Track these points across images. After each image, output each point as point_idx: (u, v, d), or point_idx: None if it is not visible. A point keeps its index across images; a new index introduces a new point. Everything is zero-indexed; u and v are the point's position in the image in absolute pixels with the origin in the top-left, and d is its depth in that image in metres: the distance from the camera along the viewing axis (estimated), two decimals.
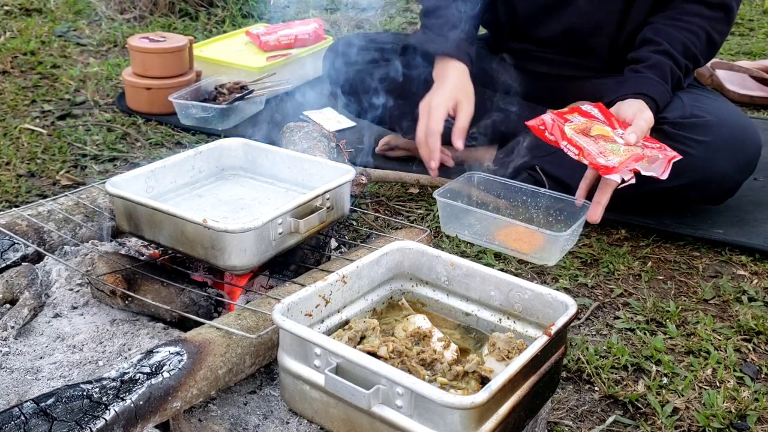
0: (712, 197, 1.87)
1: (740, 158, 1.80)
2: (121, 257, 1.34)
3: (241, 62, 2.67)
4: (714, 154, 1.77)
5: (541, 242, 1.68)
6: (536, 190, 1.80)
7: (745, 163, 1.82)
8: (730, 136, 1.79)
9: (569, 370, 1.38)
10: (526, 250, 1.70)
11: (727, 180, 1.82)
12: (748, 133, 1.83)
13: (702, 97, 1.90)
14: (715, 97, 1.95)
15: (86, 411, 0.92)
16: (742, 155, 1.80)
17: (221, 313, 1.28)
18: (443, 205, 1.79)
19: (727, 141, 1.78)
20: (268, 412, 1.09)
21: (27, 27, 3.45)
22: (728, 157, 1.78)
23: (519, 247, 1.71)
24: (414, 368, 1.03)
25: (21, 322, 1.22)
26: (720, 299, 1.62)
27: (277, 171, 1.50)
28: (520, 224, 1.70)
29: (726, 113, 1.85)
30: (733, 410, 1.28)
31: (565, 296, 1.10)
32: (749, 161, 1.82)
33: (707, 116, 1.81)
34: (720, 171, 1.79)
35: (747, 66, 2.86)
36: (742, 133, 1.82)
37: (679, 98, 1.86)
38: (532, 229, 1.68)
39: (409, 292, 1.26)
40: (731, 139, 1.79)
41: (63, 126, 2.43)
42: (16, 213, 1.43)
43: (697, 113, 1.82)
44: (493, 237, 1.74)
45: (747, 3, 4.20)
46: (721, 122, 1.80)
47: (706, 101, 1.88)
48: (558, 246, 1.67)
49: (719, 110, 1.84)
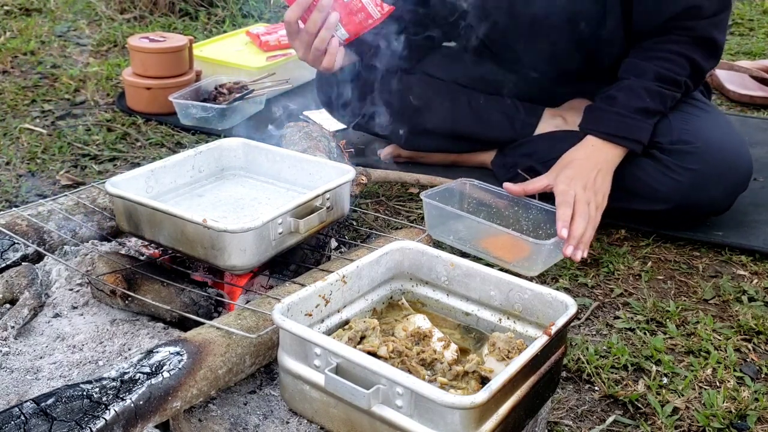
0: (700, 219, 1.84)
1: (730, 184, 1.77)
2: (121, 257, 1.34)
3: (241, 62, 2.67)
4: (703, 182, 1.74)
5: (524, 252, 1.65)
6: (528, 202, 1.77)
7: (734, 187, 1.79)
8: (719, 162, 1.74)
9: (569, 370, 1.38)
10: (510, 258, 1.66)
11: (715, 204, 1.80)
12: (738, 158, 1.78)
13: (692, 117, 1.82)
14: (706, 115, 1.86)
15: (86, 411, 0.92)
16: (731, 181, 1.77)
17: (221, 313, 1.28)
18: (429, 207, 1.76)
19: (717, 168, 1.74)
20: (268, 412, 1.09)
21: (27, 27, 3.45)
22: (718, 183, 1.75)
23: (502, 255, 1.67)
24: (414, 368, 1.03)
25: (21, 322, 1.22)
26: (720, 299, 1.62)
27: (277, 171, 1.50)
28: (505, 231, 1.67)
29: (716, 136, 1.78)
30: (733, 410, 1.28)
31: (565, 296, 1.10)
32: (739, 185, 1.79)
33: (696, 142, 1.75)
34: (709, 197, 1.76)
35: (747, 66, 2.86)
36: (732, 157, 1.77)
37: (668, 120, 1.80)
38: (515, 236, 1.65)
39: (409, 292, 1.26)
40: (721, 165, 1.74)
41: (63, 126, 2.43)
42: (16, 213, 1.43)
43: (685, 138, 1.76)
44: (478, 243, 1.72)
45: (747, 3, 4.20)
46: (709, 148, 1.75)
47: (696, 122, 1.81)
48: (541, 256, 1.64)
49: (709, 133, 1.78)
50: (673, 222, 1.84)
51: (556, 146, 1.88)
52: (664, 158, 1.77)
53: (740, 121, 2.58)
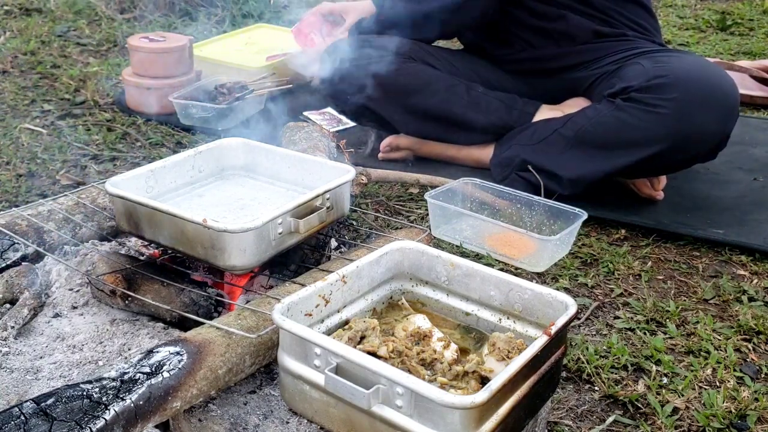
0: (702, 153, 1.86)
1: (716, 108, 1.79)
2: (121, 257, 1.34)
3: (241, 62, 2.67)
4: (687, 109, 1.77)
5: (530, 248, 1.67)
6: (531, 198, 1.79)
7: (722, 111, 1.80)
8: (699, 88, 1.78)
9: (569, 370, 1.38)
10: (515, 255, 1.68)
11: (709, 133, 1.81)
12: (718, 81, 1.81)
13: (664, 57, 1.91)
14: (679, 55, 1.95)
15: (86, 411, 0.92)
16: (717, 104, 1.79)
17: (221, 313, 1.28)
18: (434, 207, 1.77)
19: (698, 93, 1.78)
20: (268, 411, 1.09)
21: (27, 27, 3.45)
22: (703, 108, 1.77)
23: (508, 252, 1.69)
24: (414, 368, 1.03)
25: (21, 322, 1.22)
26: (720, 299, 1.62)
27: (277, 171, 1.50)
28: (510, 228, 1.68)
29: (691, 68, 1.83)
30: (733, 410, 1.28)
31: (565, 296, 1.10)
32: (727, 109, 1.81)
33: (670, 74, 1.81)
34: (698, 124, 1.78)
35: (747, 66, 2.86)
36: (712, 82, 1.80)
37: (639, 64, 1.88)
38: (521, 232, 1.66)
39: (409, 292, 1.26)
40: (701, 90, 1.78)
41: (63, 126, 2.43)
42: (16, 213, 1.43)
43: (660, 73, 1.82)
44: (484, 241, 1.72)
45: (747, 3, 4.20)
46: (687, 76, 1.79)
47: (670, 60, 1.88)
48: (547, 252, 1.65)
49: (684, 65, 1.84)
50: (681, 161, 1.86)
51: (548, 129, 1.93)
52: (643, 97, 1.81)
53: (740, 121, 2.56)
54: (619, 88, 1.87)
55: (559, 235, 1.64)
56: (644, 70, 1.86)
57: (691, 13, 4.05)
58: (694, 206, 1.96)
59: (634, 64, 1.91)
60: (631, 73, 1.88)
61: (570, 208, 1.73)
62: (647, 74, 1.84)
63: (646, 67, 1.87)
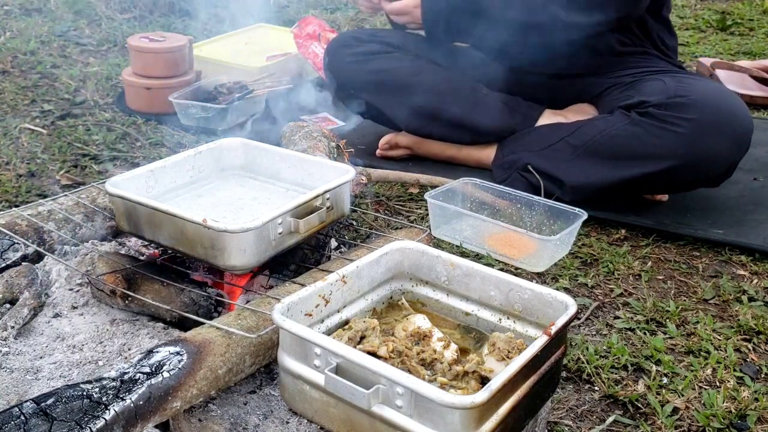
0: (708, 177, 1.86)
1: (730, 135, 1.80)
2: (121, 257, 1.34)
3: (241, 62, 2.67)
4: (703, 131, 1.78)
5: (530, 248, 1.67)
6: (531, 198, 1.79)
7: (736, 139, 1.81)
8: (717, 113, 1.80)
9: (569, 370, 1.38)
10: (516, 255, 1.68)
11: (720, 158, 1.82)
12: (735, 110, 1.83)
13: (686, 78, 1.93)
14: (699, 79, 1.97)
15: (86, 411, 0.92)
16: (731, 132, 1.80)
17: (221, 313, 1.28)
18: (434, 207, 1.78)
19: (715, 118, 1.79)
20: (268, 411, 1.09)
21: (27, 27, 3.45)
22: (718, 133, 1.79)
23: (508, 252, 1.69)
24: (414, 368, 1.03)
25: (21, 322, 1.22)
26: (720, 299, 1.62)
27: (277, 171, 1.50)
28: (510, 228, 1.68)
29: (711, 92, 1.86)
30: (733, 410, 1.28)
31: (565, 296, 1.10)
32: (740, 138, 1.82)
33: (691, 95, 1.82)
34: (712, 148, 1.79)
35: (747, 66, 2.86)
36: (730, 109, 1.82)
37: (661, 81, 1.89)
38: (521, 232, 1.66)
39: (409, 292, 1.26)
40: (719, 116, 1.80)
41: (63, 126, 2.43)
42: (16, 213, 1.43)
43: (681, 93, 1.84)
44: (484, 241, 1.73)
45: (747, 3, 4.21)
46: (706, 100, 1.81)
47: (691, 82, 1.90)
48: (547, 252, 1.65)
49: (704, 90, 1.86)
50: (687, 182, 1.87)
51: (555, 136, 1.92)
52: (662, 113, 1.82)
53: None
54: (637, 101, 1.88)
55: (559, 235, 1.64)
56: (665, 87, 1.87)
57: (691, 13, 4.05)
58: (694, 206, 1.96)
59: (656, 80, 1.92)
60: (651, 89, 1.89)
61: (570, 208, 1.73)
62: (668, 92, 1.85)
63: (668, 84, 1.88)
